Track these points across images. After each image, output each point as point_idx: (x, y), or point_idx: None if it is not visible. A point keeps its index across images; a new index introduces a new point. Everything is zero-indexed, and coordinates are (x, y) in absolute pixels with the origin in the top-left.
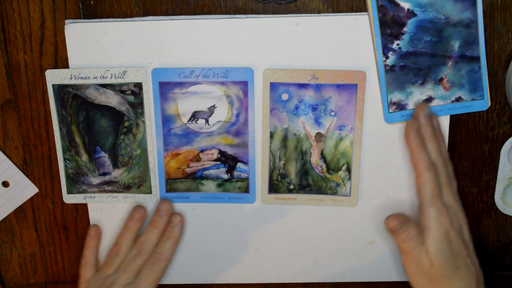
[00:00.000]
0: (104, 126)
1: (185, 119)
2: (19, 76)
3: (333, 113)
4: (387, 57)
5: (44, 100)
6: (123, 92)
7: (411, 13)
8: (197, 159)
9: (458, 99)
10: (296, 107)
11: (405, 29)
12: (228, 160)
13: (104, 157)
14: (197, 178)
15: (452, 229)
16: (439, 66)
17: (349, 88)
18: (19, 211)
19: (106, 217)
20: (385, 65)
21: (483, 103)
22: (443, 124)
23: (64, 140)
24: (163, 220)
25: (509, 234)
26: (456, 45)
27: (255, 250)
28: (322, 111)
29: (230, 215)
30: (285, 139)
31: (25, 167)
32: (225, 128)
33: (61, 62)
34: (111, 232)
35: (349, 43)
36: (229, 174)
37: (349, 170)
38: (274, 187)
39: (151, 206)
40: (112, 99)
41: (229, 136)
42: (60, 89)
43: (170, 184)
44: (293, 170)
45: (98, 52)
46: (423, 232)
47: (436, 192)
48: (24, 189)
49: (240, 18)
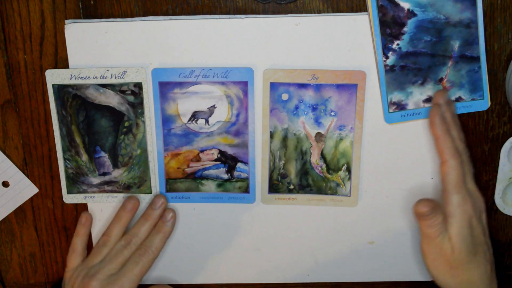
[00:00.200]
0: (104, 126)
1: (185, 119)
2: (19, 76)
3: (333, 113)
4: (387, 57)
5: (44, 100)
6: (123, 92)
7: (411, 13)
8: (197, 159)
9: (458, 99)
10: (296, 107)
11: (405, 29)
12: (228, 160)
13: (104, 157)
14: (197, 178)
15: (474, 216)
16: (439, 66)
17: (349, 88)
18: (19, 211)
19: (106, 217)
20: (385, 65)
21: (483, 103)
22: None
23: (64, 140)
24: (156, 214)
25: (509, 234)
26: (456, 45)
27: (255, 250)
28: (322, 111)
29: (230, 215)
30: (285, 139)
31: (25, 167)
32: (225, 128)
33: (61, 62)
34: None
35: (349, 43)
36: (229, 174)
37: (349, 170)
38: (274, 187)
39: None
40: (112, 99)
41: (229, 136)
42: (60, 89)
43: (170, 184)
44: (293, 170)
45: (98, 52)
46: (447, 219)
47: (461, 179)
48: (24, 189)
49: (240, 18)
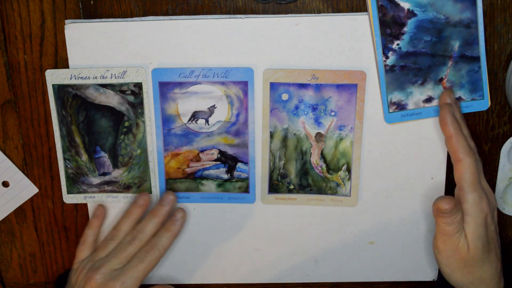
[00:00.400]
0: (104, 126)
1: (185, 119)
2: (19, 76)
3: (333, 113)
4: (387, 57)
5: (44, 100)
6: (123, 92)
7: (411, 13)
8: (197, 159)
9: (458, 99)
10: (296, 107)
11: (405, 29)
12: (228, 160)
13: (104, 157)
14: (197, 178)
15: (489, 214)
16: (439, 66)
17: (349, 88)
18: (19, 211)
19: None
20: (385, 65)
21: (483, 103)
22: None
23: (64, 140)
24: (164, 211)
25: (509, 234)
26: (456, 45)
27: (255, 250)
28: (322, 111)
29: (230, 215)
30: (285, 139)
31: (25, 167)
32: (225, 128)
33: (61, 62)
34: None
35: (349, 43)
36: (229, 174)
37: (349, 170)
38: (274, 187)
39: (151, 206)
40: (112, 99)
41: (229, 136)
42: (60, 89)
43: (170, 184)
44: (293, 170)
45: (98, 52)
46: (463, 217)
47: (477, 177)
48: (24, 189)
49: (240, 18)
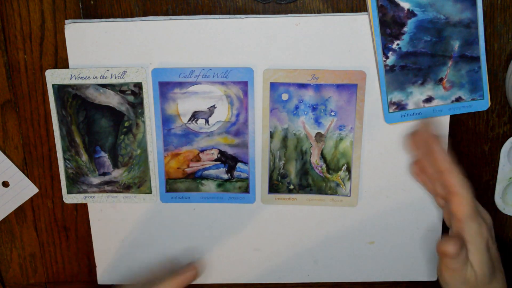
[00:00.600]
0: (104, 126)
1: (185, 119)
2: (19, 76)
3: (333, 113)
4: (387, 57)
5: (44, 100)
6: (123, 92)
7: (411, 13)
8: (197, 159)
9: (458, 99)
10: (296, 107)
11: (405, 29)
12: (228, 160)
13: (104, 157)
14: (197, 178)
15: (490, 237)
16: (439, 66)
17: (349, 88)
18: (19, 211)
19: (106, 217)
20: (385, 65)
21: (483, 103)
22: (442, 124)
23: (64, 140)
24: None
25: (509, 234)
26: (456, 45)
27: (255, 250)
28: (322, 111)
29: (230, 215)
30: (285, 139)
31: (25, 167)
32: (225, 128)
33: (61, 62)
34: (111, 232)
35: (349, 43)
36: (229, 174)
37: (349, 170)
38: (274, 187)
39: (151, 206)
40: (112, 99)
41: (229, 136)
42: (60, 89)
43: (170, 184)
44: (293, 170)
45: (98, 52)
46: (466, 247)
47: (474, 207)
48: (24, 189)
49: (240, 18)
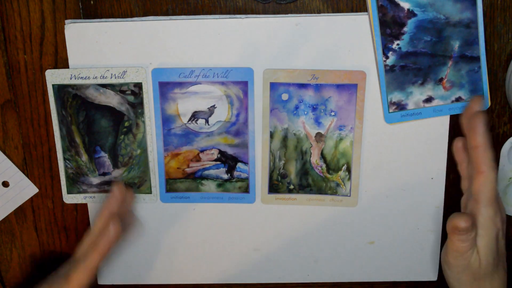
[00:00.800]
0: (104, 126)
1: (185, 119)
2: (19, 76)
3: (333, 113)
4: (387, 57)
5: (44, 100)
6: (123, 92)
7: (411, 13)
8: (197, 159)
9: (458, 99)
10: (296, 107)
11: (405, 29)
12: (228, 160)
13: (104, 157)
14: (197, 178)
15: (501, 229)
16: (439, 66)
17: (349, 88)
18: (19, 211)
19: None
20: (385, 65)
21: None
22: (442, 124)
23: (64, 140)
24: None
25: (509, 234)
26: (456, 45)
27: (255, 250)
28: (322, 111)
29: (230, 215)
30: (285, 139)
31: (25, 167)
32: (225, 128)
33: (61, 62)
34: None
35: (349, 43)
36: (229, 174)
37: (349, 170)
38: (274, 187)
39: (151, 206)
40: (112, 99)
41: (229, 136)
42: (60, 89)
43: (170, 184)
44: (293, 170)
45: (98, 52)
46: (477, 230)
47: (495, 192)
48: (24, 189)
49: (240, 18)
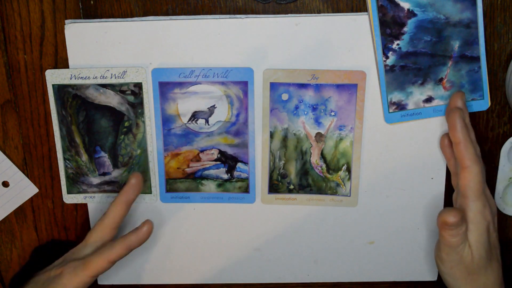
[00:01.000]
0: (104, 126)
1: (185, 119)
2: (19, 76)
3: (333, 113)
4: (387, 57)
5: (44, 100)
6: (123, 92)
7: (411, 13)
8: (197, 159)
9: None
10: (296, 107)
11: (405, 29)
12: (228, 160)
13: (104, 157)
14: (197, 178)
15: (492, 221)
16: (439, 66)
17: (349, 88)
18: (19, 211)
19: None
20: (385, 65)
21: (483, 103)
22: (442, 124)
23: (64, 140)
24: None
25: (509, 234)
26: (456, 45)
27: (255, 250)
28: (322, 111)
29: (230, 215)
30: (285, 139)
31: (25, 167)
32: (225, 128)
33: (61, 62)
34: None
35: (349, 43)
36: (229, 174)
37: (349, 170)
38: (274, 187)
39: (151, 206)
40: (112, 99)
41: (229, 136)
42: (60, 89)
43: (170, 184)
44: (293, 170)
45: (98, 52)
46: (467, 225)
47: (482, 185)
48: (24, 189)
49: (240, 18)
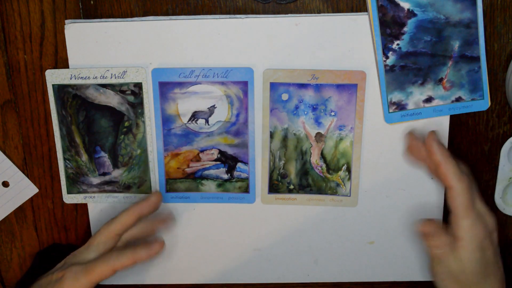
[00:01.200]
0: (104, 126)
1: (185, 119)
2: (19, 76)
3: (333, 113)
4: (387, 57)
5: (44, 100)
6: (123, 92)
7: (411, 13)
8: (197, 159)
9: (458, 99)
10: (296, 107)
11: (405, 29)
12: (228, 160)
13: (104, 157)
14: (197, 178)
15: (485, 238)
16: (439, 66)
17: (349, 88)
18: (19, 211)
19: (106, 217)
20: (385, 65)
21: (483, 103)
22: (442, 124)
23: (64, 140)
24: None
25: (509, 234)
26: (456, 45)
27: (255, 250)
28: (322, 111)
29: (230, 215)
30: (285, 139)
31: (25, 167)
32: (225, 128)
33: (61, 62)
34: None
35: (349, 43)
36: (229, 174)
37: (349, 170)
38: (274, 187)
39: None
40: (112, 99)
41: (229, 136)
42: (60, 89)
43: (170, 184)
44: (293, 170)
45: (98, 52)
46: (457, 241)
47: (470, 203)
48: (24, 189)
49: (240, 18)
